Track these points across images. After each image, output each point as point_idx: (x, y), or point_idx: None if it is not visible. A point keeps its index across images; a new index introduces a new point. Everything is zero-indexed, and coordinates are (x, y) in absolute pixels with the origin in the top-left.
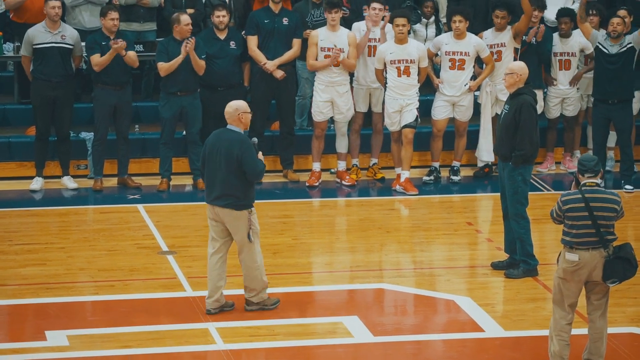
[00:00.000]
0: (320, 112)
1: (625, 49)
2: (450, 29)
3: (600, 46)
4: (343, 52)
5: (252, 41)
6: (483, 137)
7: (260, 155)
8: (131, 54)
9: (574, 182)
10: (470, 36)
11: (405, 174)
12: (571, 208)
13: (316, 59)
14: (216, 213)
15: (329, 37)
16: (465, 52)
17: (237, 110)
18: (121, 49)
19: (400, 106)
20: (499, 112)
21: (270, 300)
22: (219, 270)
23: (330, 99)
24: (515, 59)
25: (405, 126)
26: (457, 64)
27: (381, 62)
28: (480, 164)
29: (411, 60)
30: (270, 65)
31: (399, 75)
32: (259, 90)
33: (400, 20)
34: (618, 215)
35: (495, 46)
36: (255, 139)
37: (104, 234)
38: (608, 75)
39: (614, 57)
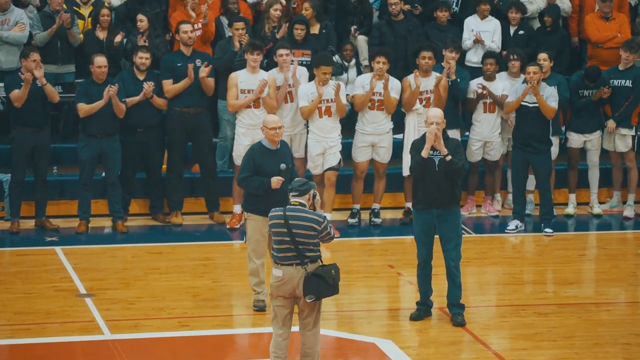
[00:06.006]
0: (240, 155)
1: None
2: (372, 70)
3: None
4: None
5: (168, 85)
6: (406, 154)
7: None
8: (49, 87)
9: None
10: (393, 79)
11: (327, 217)
12: (274, 224)
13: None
14: None
15: (249, 79)
16: (380, 93)
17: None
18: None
19: (323, 148)
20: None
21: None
22: None
23: (251, 142)
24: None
25: (329, 169)
26: (376, 104)
27: (305, 100)
28: (406, 173)
29: (331, 100)
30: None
31: (320, 116)
32: (174, 132)
33: (326, 69)
34: (321, 236)
35: (425, 93)
36: (283, 165)
37: (20, 276)
38: (528, 123)
39: (532, 109)
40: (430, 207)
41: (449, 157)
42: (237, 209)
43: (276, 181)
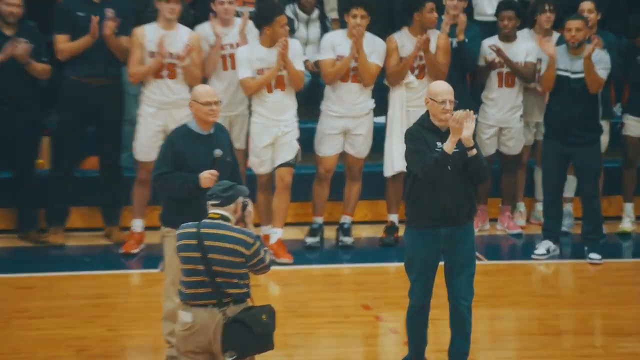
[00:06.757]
0: (145, 146)
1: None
2: (342, 27)
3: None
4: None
5: (62, 41)
6: (390, 145)
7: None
8: None
9: None
10: (375, 39)
11: (277, 234)
12: (183, 246)
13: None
14: None
15: (162, 37)
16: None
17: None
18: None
19: (274, 137)
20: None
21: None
22: None
23: (163, 128)
24: None
25: (282, 165)
26: (350, 74)
27: (248, 68)
28: (389, 173)
29: (284, 67)
30: None
31: (270, 91)
32: (69, 111)
33: (283, 19)
34: (251, 264)
35: (418, 58)
36: (218, 151)
37: None
38: (568, 101)
39: (573, 81)
40: (438, 225)
41: (474, 152)
42: (138, 225)
43: (208, 177)
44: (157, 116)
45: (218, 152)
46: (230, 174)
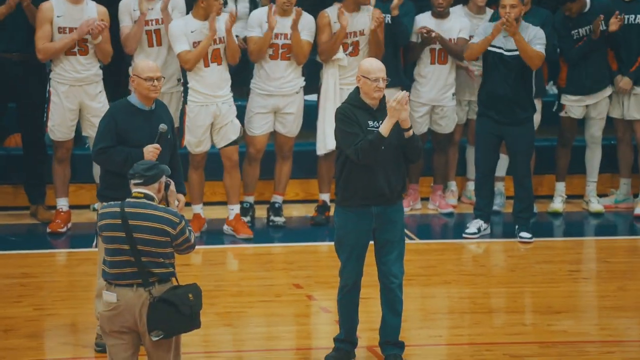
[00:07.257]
0: (61, 125)
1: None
2: (272, 2)
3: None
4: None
5: None
6: (322, 123)
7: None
8: None
9: None
10: (305, 15)
11: (234, 210)
12: (106, 225)
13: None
14: None
15: (71, 11)
16: (285, 35)
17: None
18: None
19: (213, 115)
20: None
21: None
22: None
23: (78, 105)
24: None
25: (229, 144)
26: (280, 51)
27: (184, 42)
28: (321, 152)
29: (220, 40)
30: None
31: (207, 65)
32: None
33: None
34: (176, 243)
35: (352, 35)
36: (163, 125)
37: None
38: (501, 79)
39: (508, 59)
40: (370, 204)
41: (411, 132)
42: (63, 204)
43: (152, 151)
44: (69, 94)
45: (163, 127)
46: (172, 152)
